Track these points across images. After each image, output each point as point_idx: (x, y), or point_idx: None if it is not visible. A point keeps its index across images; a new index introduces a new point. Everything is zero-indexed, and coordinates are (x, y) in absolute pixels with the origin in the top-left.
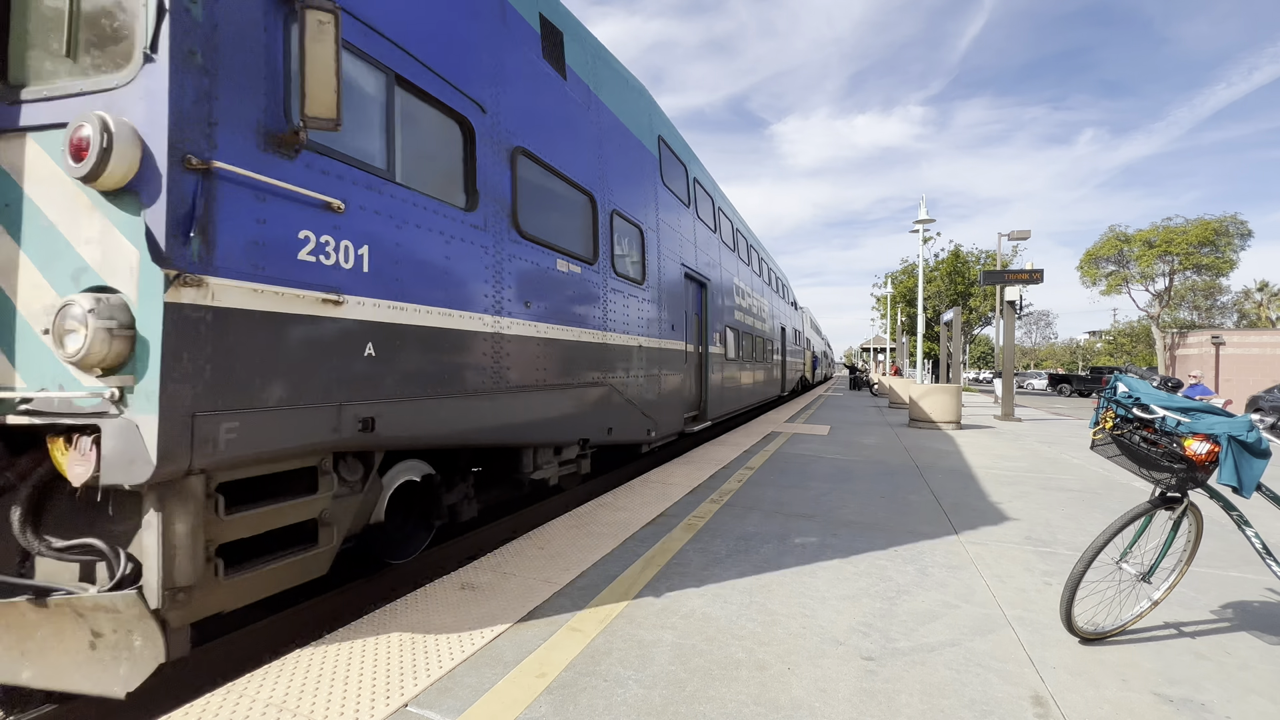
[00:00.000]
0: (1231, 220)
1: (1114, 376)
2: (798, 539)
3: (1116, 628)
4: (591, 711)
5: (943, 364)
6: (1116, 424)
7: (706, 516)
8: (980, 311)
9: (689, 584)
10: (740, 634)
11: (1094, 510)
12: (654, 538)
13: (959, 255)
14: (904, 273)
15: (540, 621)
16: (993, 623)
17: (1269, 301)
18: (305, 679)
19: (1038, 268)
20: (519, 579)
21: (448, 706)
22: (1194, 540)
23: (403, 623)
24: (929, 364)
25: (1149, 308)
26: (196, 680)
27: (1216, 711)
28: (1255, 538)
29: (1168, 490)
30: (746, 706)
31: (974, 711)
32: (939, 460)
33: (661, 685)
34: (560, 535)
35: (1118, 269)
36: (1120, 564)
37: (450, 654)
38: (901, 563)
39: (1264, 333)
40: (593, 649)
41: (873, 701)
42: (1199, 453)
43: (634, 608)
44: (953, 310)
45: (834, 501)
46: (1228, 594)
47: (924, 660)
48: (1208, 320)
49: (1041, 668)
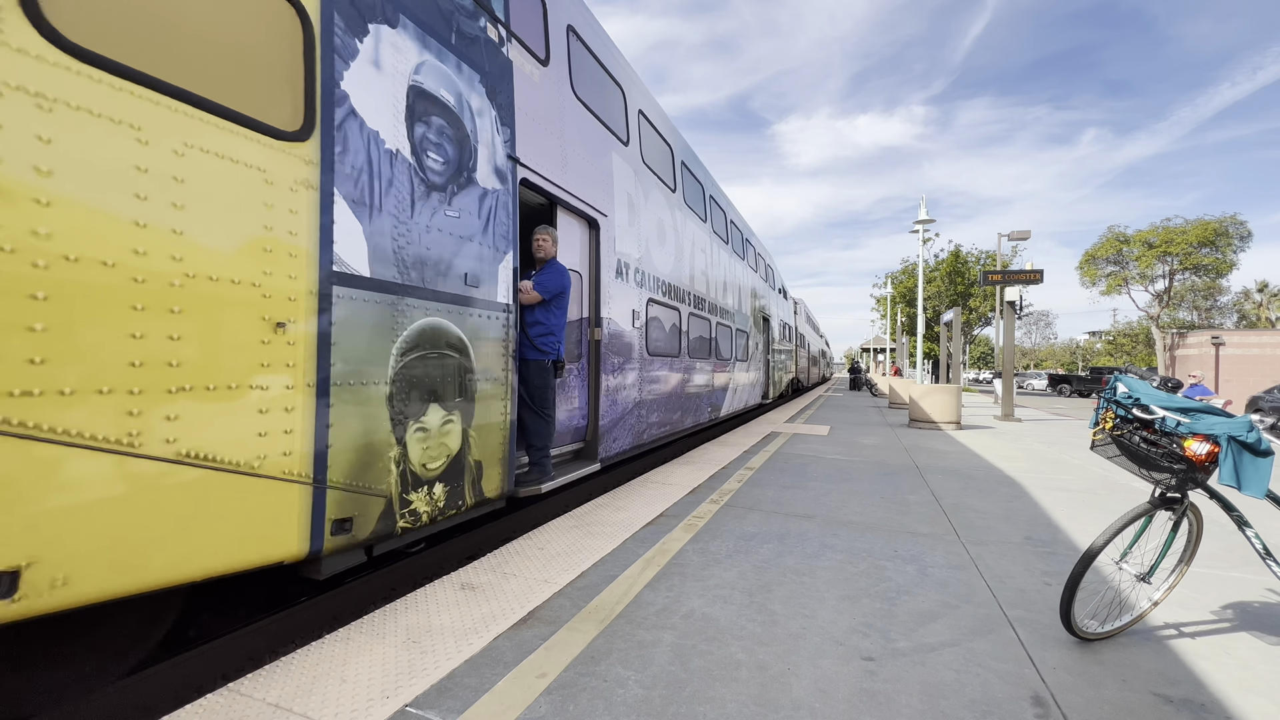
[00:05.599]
0: (1231, 221)
1: (1114, 377)
2: (798, 539)
3: (1116, 628)
4: (591, 712)
5: (943, 364)
6: (1116, 424)
7: (706, 517)
8: (980, 312)
9: (689, 584)
10: (740, 634)
11: (1094, 510)
12: (654, 538)
13: (959, 256)
14: (904, 273)
15: (540, 621)
16: (993, 623)
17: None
18: (305, 679)
19: (1038, 268)
20: (519, 579)
21: (447, 707)
22: (1194, 541)
23: (403, 623)
24: (929, 364)
25: (1149, 308)
26: (197, 680)
27: (1216, 712)
28: (1255, 538)
29: (1168, 490)
30: (746, 707)
31: (974, 712)
32: (939, 460)
33: (661, 685)
34: (560, 535)
35: (1117, 269)
36: (1120, 564)
37: (450, 654)
38: (901, 563)
39: (1264, 333)
40: (593, 649)
41: (873, 702)
42: (1199, 453)
43: (634, 608)
44: (952, 310)
45: (834, 502)
46: (1228, 594)
47: (924, 660)
48: (1207, 321)
49: (1041, 668)
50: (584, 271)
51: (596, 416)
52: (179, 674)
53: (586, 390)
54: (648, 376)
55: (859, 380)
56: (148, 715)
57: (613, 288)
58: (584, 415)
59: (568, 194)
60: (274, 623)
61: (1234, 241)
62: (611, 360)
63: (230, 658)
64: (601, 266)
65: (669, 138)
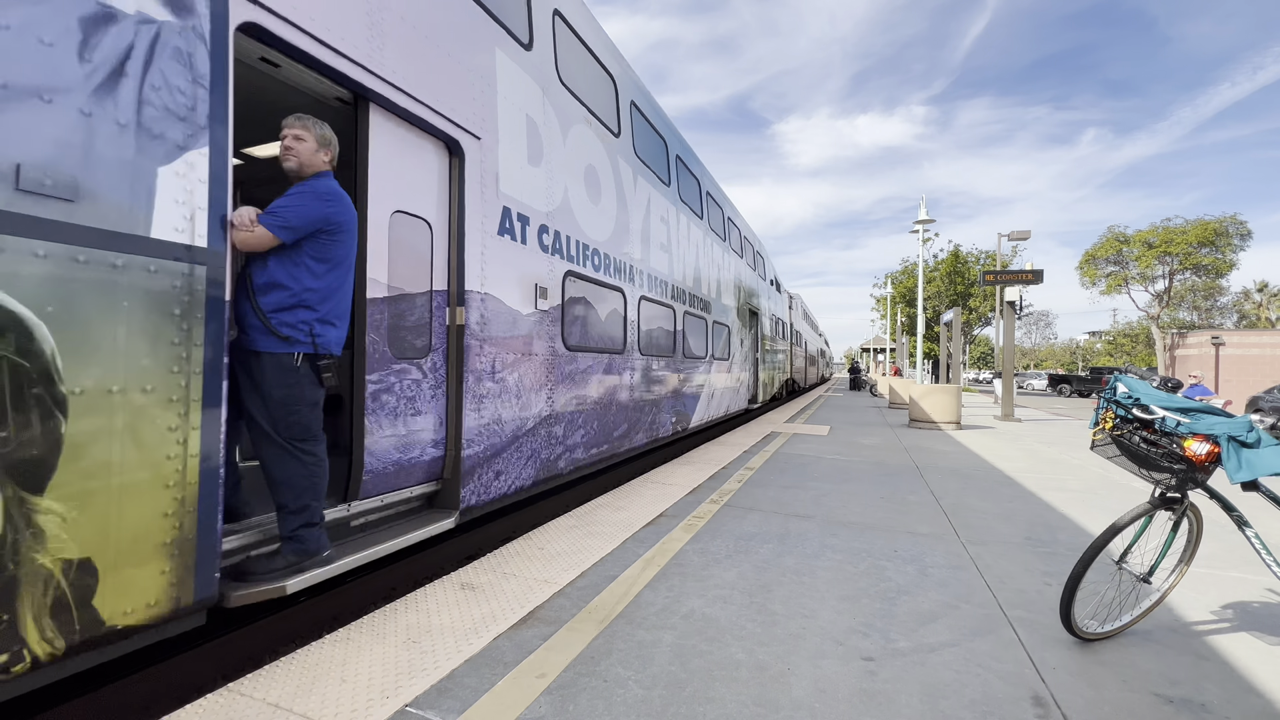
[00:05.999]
0: (1231, 221)
1: (1114, 377)
2: (798, 539)
3: (1116, 628)
4: (591, 712)
5: (942, 364)
6: (1116, 424)
7: (706, 517)
8: (980, 312)
9: (689, 584)
10: (740, 634)
11: (1094, 510)
12: (654, 538)
13: (959, 256)
14: (904, 273)
15: (540, 621)
16: (993, 623)
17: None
18: (305, 679)
19: (1037, 268)
20: (519, 579)
21: (447, 707)
22: (1194, 540)
23: (403, 623)
24: (929, 364)
25: (1149, 308)
26: (196, 680)
27: (1216, 712)
28: (1255, 538)
29: (1168, 490)
30: (746, 707)
31: (974, 712)
32: (939, 460)
33: (661, 685)
34: (560, 535)
35: (1117, 269)
36: (1120, 564)
37: (450, 654)
38: (901, 563)
39: (1264, 333)
40: (593, 649)
41: (873, 702)
42: (1199, 453)
43: (634, 608)
44: (952, 311)
45: (834, 502)
46: (1228, 594)
47: (924, 660)
48: (1207, 321)
49: (1041, 668)
50: (436, 219)
51: (459, 441)
52: (179, 674)
53: (443, 401)
54: (564, 380)
55: (859, 380)
56: (148, 715)
57: (493, 249)
58: (439, 441)
59: (392, 87)
60: (274, 623)
61: (1234, 241)
62: (488, 356)
63: (230, 658)
64: (468, 214)
65: (608, 61)
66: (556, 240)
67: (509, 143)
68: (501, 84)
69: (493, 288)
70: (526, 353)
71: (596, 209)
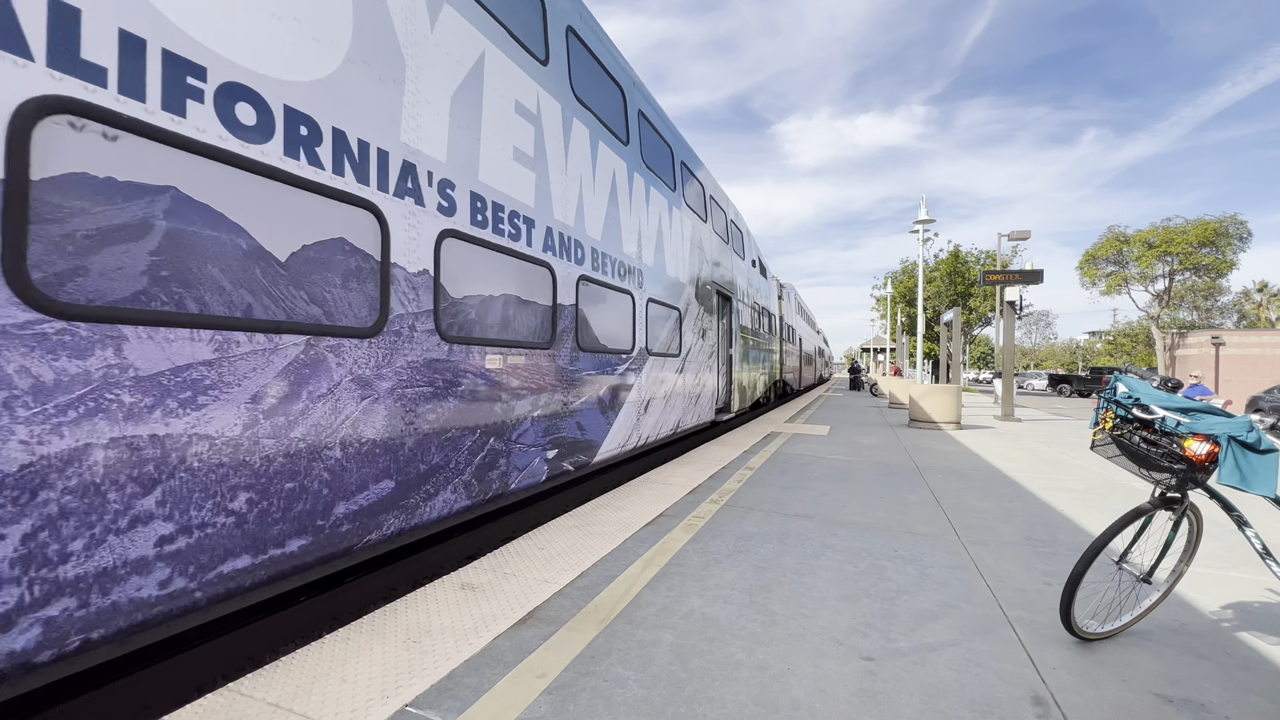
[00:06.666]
0: (1231, 221)
1: (1114, 377)
2: (798, 539)
3: (1116, 628)
4: (591, 712)
5: (943, 364)
6: (1116, 424)
7: (706, 517)
8: (980, 312)
9: (689, 584)
10: (740, 634)
11: (1094, 510)
12: (654, 538)
13: (959, 256)
14: (904, 273)
15: (540, 621)
16: (993, 623)
17: (1269, 302)
18: (305, 679)
19: (1038, 268)
20: (519, 579)
21: (447, 707)
22: (1194, 540)
23: (403, 623)
24: (929, 364)
25: (1149, 308)
26: (197, 680)
27: (1216, 712)
28: (1255, 538)
29: (1168, 490)
30: (746, 707)
31: (974, 711)
32: (939, 460)
33: (661, 685)
34: (560, 535)
35: (1117, 269)
36: (1120, 564)
37: (450, 654)
38: (901, 563)
39: (1264, 333)
40: (593, 649)
41: (873, 702)
42: (1199, 453)
43: (634, 608)
44: (952, 311)
45: (834, 502)
46: (1228, 594)
47: (924, 660)
48: (1207, 321)
49: (1041, 668)
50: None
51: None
52: (179, 674)
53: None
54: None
55: (859, 380)
56: (148, 715)
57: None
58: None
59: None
60: (274, 623)
61: (1234, 241)
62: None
63: (230, 658)
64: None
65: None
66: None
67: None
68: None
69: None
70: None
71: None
